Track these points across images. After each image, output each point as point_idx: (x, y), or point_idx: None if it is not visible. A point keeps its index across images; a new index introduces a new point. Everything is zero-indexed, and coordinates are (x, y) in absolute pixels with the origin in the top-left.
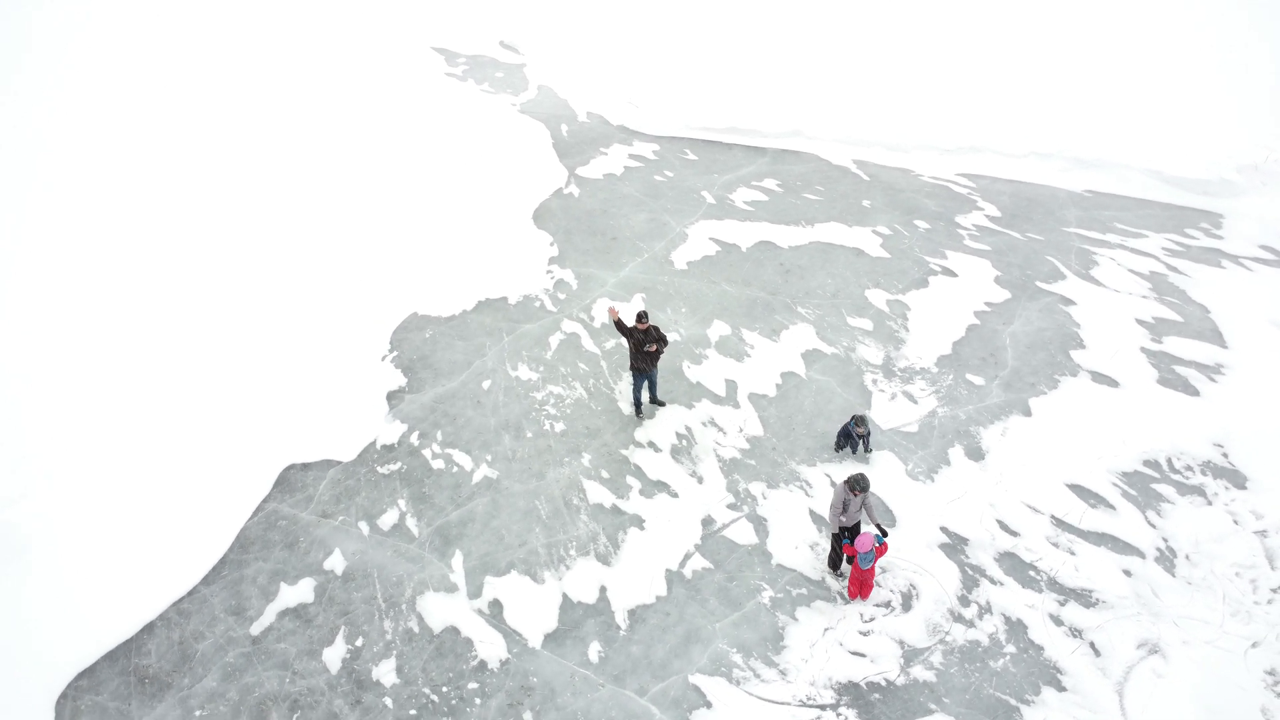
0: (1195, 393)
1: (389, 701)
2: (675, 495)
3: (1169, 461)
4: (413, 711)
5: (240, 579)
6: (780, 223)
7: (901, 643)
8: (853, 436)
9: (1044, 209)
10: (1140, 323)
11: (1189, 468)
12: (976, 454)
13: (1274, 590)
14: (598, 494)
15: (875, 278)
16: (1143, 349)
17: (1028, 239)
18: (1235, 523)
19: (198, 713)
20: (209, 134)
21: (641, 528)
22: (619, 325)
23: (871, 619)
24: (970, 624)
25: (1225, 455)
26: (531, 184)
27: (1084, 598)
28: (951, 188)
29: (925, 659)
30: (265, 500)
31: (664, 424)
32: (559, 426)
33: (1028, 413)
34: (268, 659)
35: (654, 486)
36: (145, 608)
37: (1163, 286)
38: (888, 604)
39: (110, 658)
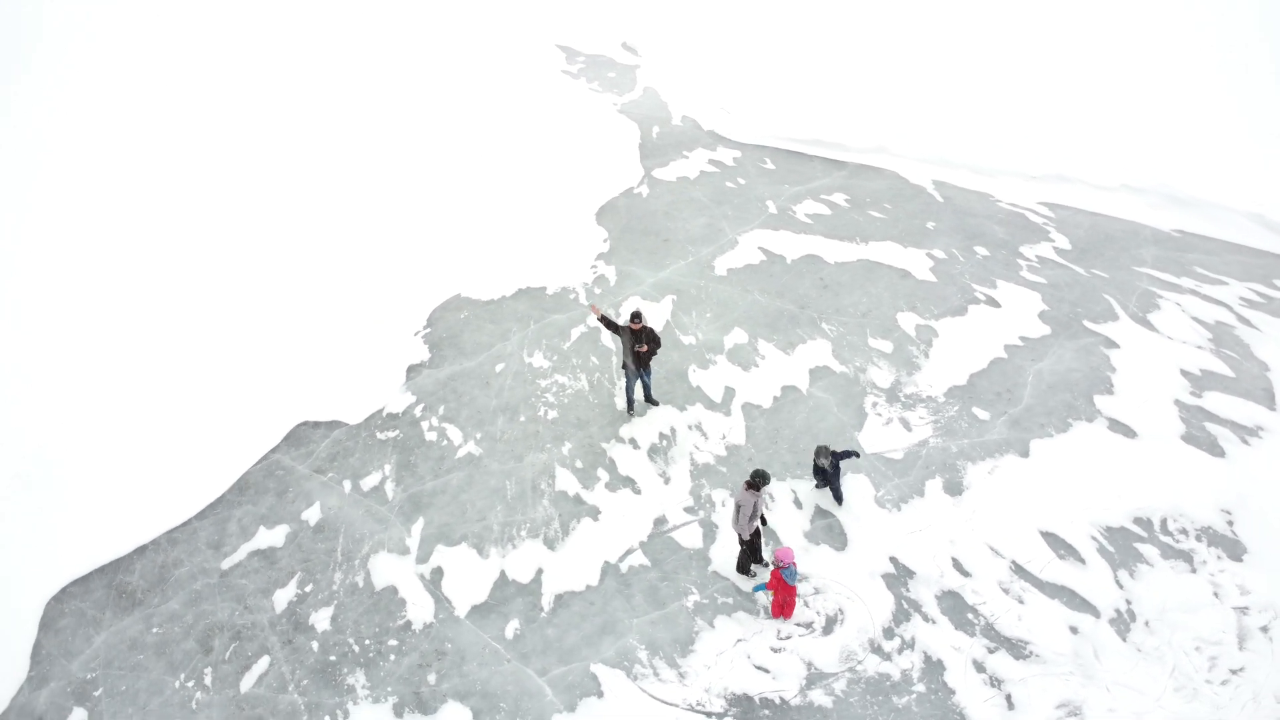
0: (1220, 453)
1: (315, 645)
2: (638, 492)
3: (1163, 522)
4: (332, 658)
5: (228, 518)
6: (834, 238)
7: (810, 664)
8: (824, 472)
9: (1120, 245)
10: (1184, 373)
11: (1183, 531)
12: (955, 489)
13: (1233, 671)
14: (566, 482)
15: (913, 301)
16: (1176, 401)
17: (1091, 275)
18: (1215, 595)
19: (155, 629)
20: (315, 110)
21: (596, 519)
22: (605, 321)
23: (788, 637)
24: (887, 657)
25: (1230, 523)
26: (605, 181)
27: (1017, 648)
28: (1028, 216)
29: (828, 684)
30: (272, 451)
31: (651, 423)
32: (552, 414)
33: (1025, 453)
34: (227, 592)
35: (621, 481)
36: (142, 532)
37: (1225, 338)
38: (810, 624)
39: (102, 571)
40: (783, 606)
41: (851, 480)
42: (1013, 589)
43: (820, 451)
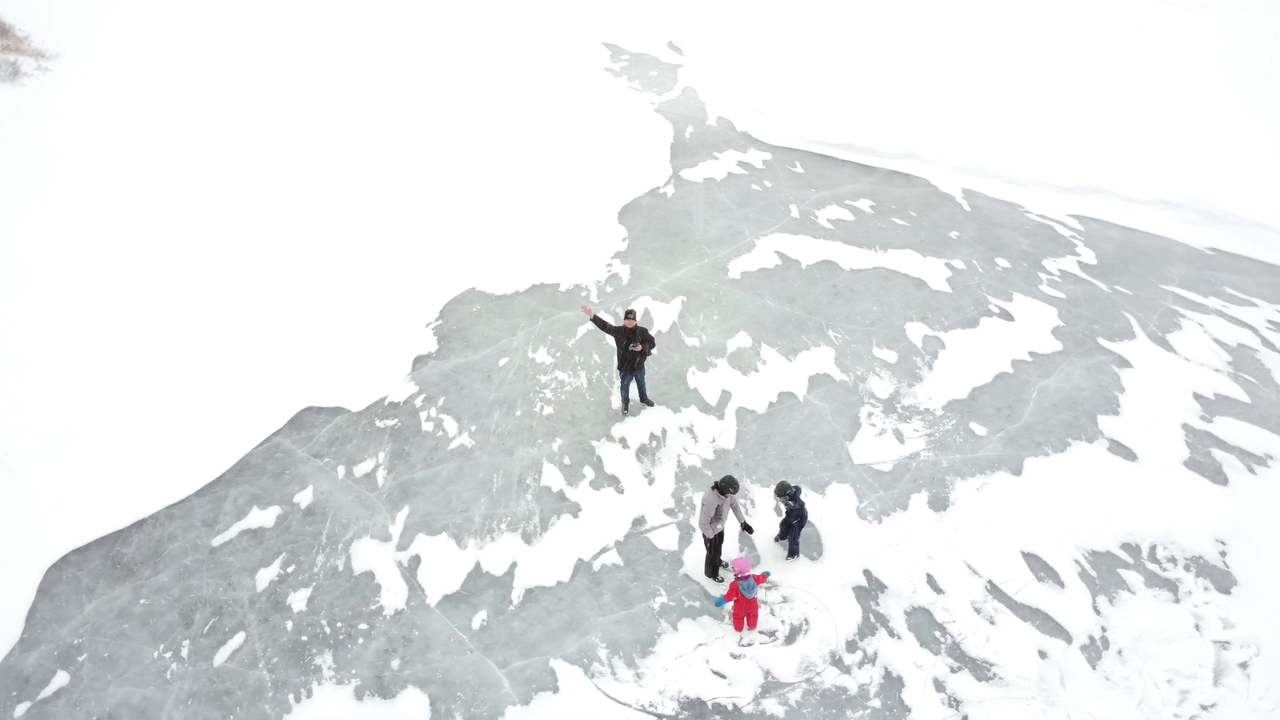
0: (1223, 481)
1: (290, 625)
2: (621, 492)
3: (1152, 549)
4: (304, 638)
5: (225, 496)
6: (853, 244)
7: (767, 673)
8: (787, 521)
9: (1149, 261)
10: (1197, 397)
11: (1172, 559)
12: (940, 504)
13: (1204, 707)
14: (551, 478)
15: (924, 311)
16: (1185, 425)
17: (1113, 291)
18: (1196, 627)
19: (143, 601)
20: (347, 101)
21: (576, 516)
22: (597, 322)
23: (749, 644)
24: (846, 670)
25: (1223, 554)
26: (631, 180)
27: (981, 670)
28: (1056, 228)
29: (783, 694)
30: (275, 433)
31: (644, 423)
32: (548, 410)
33: (1018, 471)
34: (215, 568)
35: (605, 480)
36: (142, 506)
37: (1245, 362)
38: (773, 633)
39: (100, 542)
40: (743, 619)
41: (835, 490)
42: (985, 609)
43: (781, 488)
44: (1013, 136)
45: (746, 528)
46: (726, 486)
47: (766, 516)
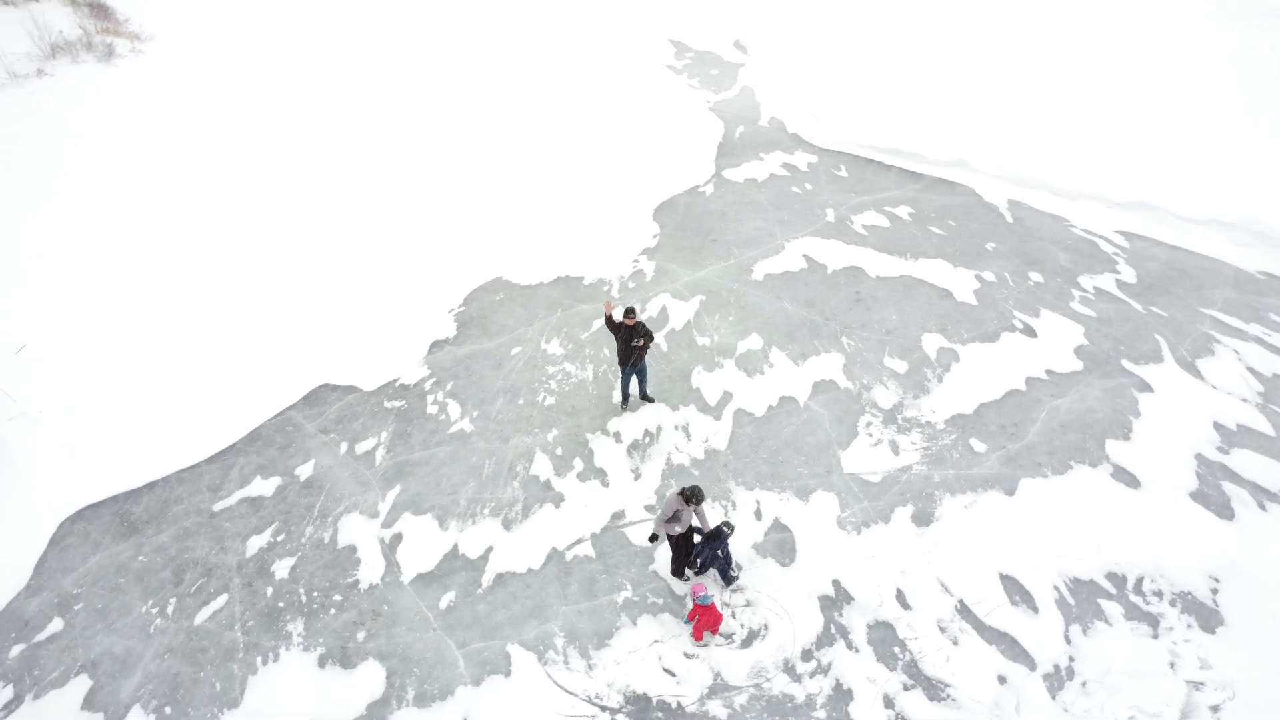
0: (1229, 515)
1: (270, 591)
2: (606, 485)
3: (1139, 580)
4: (280, 604)
5: (233, 464)
6: (884, 251)
7: (718, 675)
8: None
9: (1192, 283)
10: (1218, 426)
11: (1158, 593)
12: (924, 519)
13: None
14: (541, 467)
15: (944, 323)
16: (1198, 455)
17: (1147, 312)
18: (1171, 665)
19: (140, 558)
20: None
21: (558, 506)
22: (609, 321)
23: (705, 645)
24: (797, 678)
25: (1214, 591)
26: (673, 178)
27: (935, 690)
28: (1099, 244)
29: (729, 697)
30: (289, 407)
31: (640, 419)
32: (550, 400)
33: (1011, 491)
34: (212, 532)
35: (593, 473)
36: (155, 469)
37: (1277, 394)
38: (730, 636)
39: (114, 500)
40: (704, 631)
41: (819, 498)
42: (950, 629)
43: (725, 528)
44: (1065, 148)
45: (708, 535)
46: (691, 496)
47: (745, 519)
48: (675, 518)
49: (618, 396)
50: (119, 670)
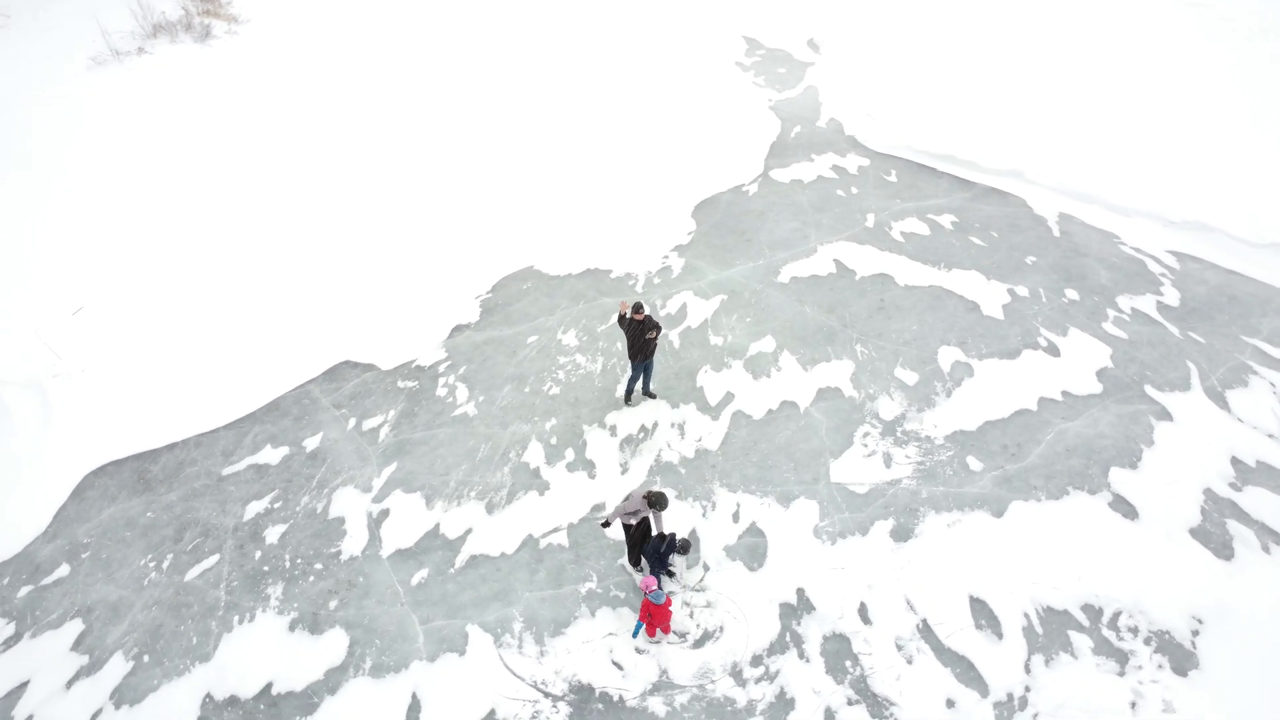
0: (1228, 555)
1: (258, 554)
2: (593, 477)
3: (1115, 615)
4: (265, 567)
5: (248, 432)
6: (918, 260)
7: (664, 672)
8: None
9: (1239, 310)
10: (1235, 461)
11: (1133, 630)
12: (903, 535)
13: None
14: (533, 455)
15: (965, 336)
16: (1207, 490)
17: (1184, 337)
18: (1133, 705)
19: (149, 514)
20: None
21: (542, 494)
22: (621, 319)
23: (658, 641)
24: (742, 683)
25: (1195, 633)
26: (718, 175)
27: (879, 707)
28: (1148, 264)
29: (671, 695)
30: (310, 381)
31: (639, 415)
32: (555, 390)
33: (999, 513)
34: (217, 494)
35: (582, 464)
36: (177, 431)
37: None
38: (684, 635)
39: (136, 458)
40: (657, 629)
41: (800, 505)
42: (908, 647)
43: (685, 546)
44: (1123, 162)
45: (663, 538)
46: (655, 502)
47: (722, 522)
48: (635, 515)
49: (621, 390)
50: (110, 617)
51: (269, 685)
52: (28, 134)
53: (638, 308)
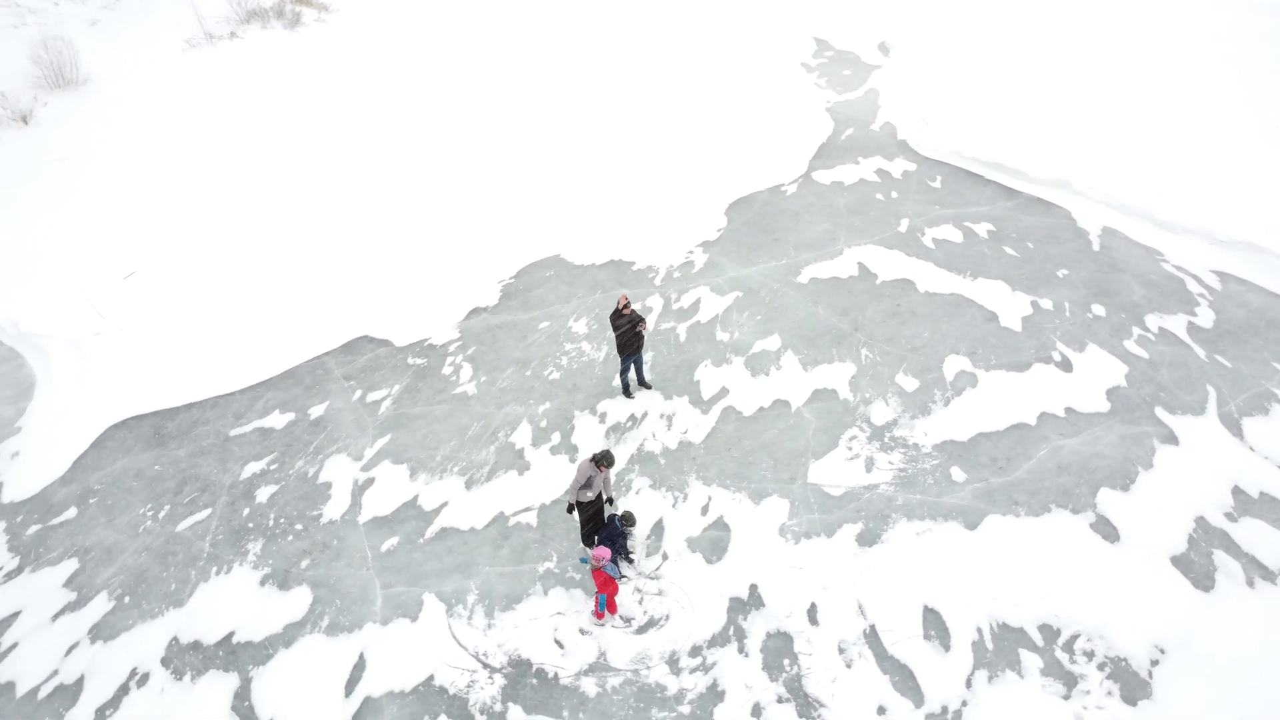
0: (1208, 586)
1: (246, 512)
2: (573, 461)
3: (1072, 638)
4: (250, 524)
5: (260, 397)
6: (944, 267)
7: (603, 654)
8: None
9: (1277, 335)
10: (1237, 491)
11: (1089, 654)
12: (869, 540)
13: None
14: (521, 436)
15: (976, 346)
16: (1199, 518)
17: (1209, 360)
18: None
19: (156, 467)
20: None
21: (521, 474)
22: (613, 316)
23: (603, 624)
24: (676, 671)
25: (1155, 663)
26: (759, 175)
27: (808, 708)
28: (1187, 283)
29: (604, 677)
30: (327, 353)
31: (630, 404)
32: (555, 375)
33: (973, 526)
34: (221, 453)
35: (565, 448)
36: (197, 392)
37: None
38: (630, 620)
39: (155, 414)
40: (604, 615)
41: (771, 503)
42: (850, 651)
43: (627, 518)
44: (1176, 177)
45: (609, 501)
46: (601, 460)
47: (690, 513)
48: (588, 484)
49: (619, 382)
50: (102, 559)
51: (231, 634)
52: (120, 109)
53: (626, 304)
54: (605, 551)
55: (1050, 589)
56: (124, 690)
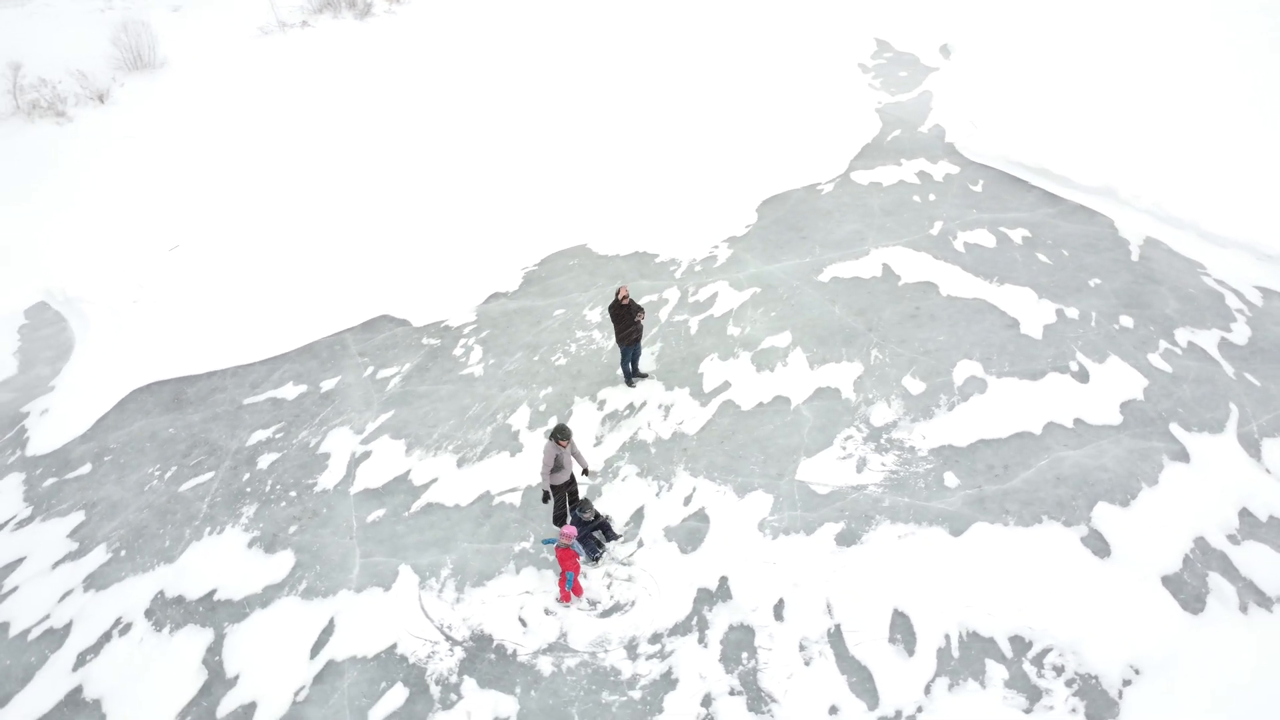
0: (1197, 609)
1: (246, 477)
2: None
3: (1044, 652)
4: (248, 488)
5: (276, 369)
6: (971, 272)
7: (563, 635)
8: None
9: None
10: (1244, 513)
11: (1058, 669)
12: (849, 540)
13: None
14: (519, 419)
15: (991, 352)
16: (1199, 538)
17: (1237, 378)
18: None
19: (170, 429)
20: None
21: (513, 455)
22: (613, 308)
23: (569, 606)
24: (634, 657)
25: (1128, 683)
26: (796, 173)
27: (760, 702)
28: (1227, 298)
29: (560, 657)
30: (347, 329)
31: (630, 393)
32: (562, 361)
33: (958, 533)
34: (232, 420)
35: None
36: (219, 361)
37: None
38: (595, 603)
39: (178, 380)
40: (569, 595)
41: (754, 498)
42: (810, 649)
43: (584, 505)
44: (1226, 189)
45: (585, 471)
46: (558, 434)
47: (672, 503)
48: (557, 464)
49: (621, 372)
50: (107, 514)
51: (213, 591)
52: (190, 91)
53: (624, 294)
54: (573, 530)
55: (1028, 601)
56: (106, 638)
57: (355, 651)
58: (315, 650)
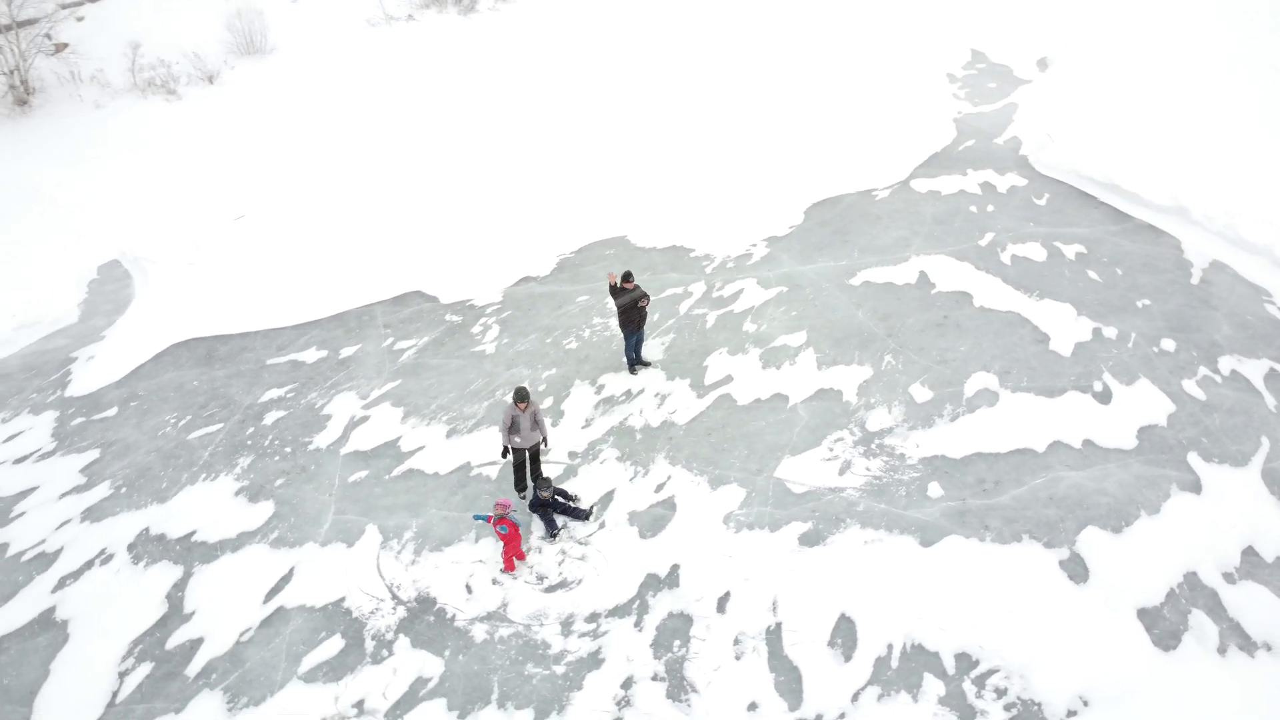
0: (1171, 646)
1: (250, 431)
2: (555, 425)
3: (988, 672)
4: (249, 441)
5: (303, 334)
6: (1012, 284)
7: (504, 605)
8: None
9: None
10: (1248, 553)
11: (1000, 691)
12: (813, 541)
13: None
14: None
15: (1011, 366)
16: (1190, 574)
17: (1277, 413)
18: None
19: (195, 382)
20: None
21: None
22: (613, 289)
23: (517, 577)
24: (567, 634)
25: (1073, 714)
26: (853, 177)
27: (679, 690)
28: None
29: (496, 627)
30: (378, 302)
31: (631, 380)
32: (572, 345)
33: (929, 544)
34: (253, 379)
35: (552, 413)
36: (255, 323)
37: None
38: (543, 578)
39: (214, 338)
40: (512, 559)
41: (725, 490)
42: (745, 644)
43: (543, 484)
44: None
45: (544, 441)
46: (517, 397)
47: (641, 488)
48: (513, 426)
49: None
50: (118, 454)
51: (192, 533)
52: (293, 77)
53: (627, 276)
54: (508, 501)
55: (984, 618)
56: (88, 565)
57: (305, 601)
58: (269, 596)
